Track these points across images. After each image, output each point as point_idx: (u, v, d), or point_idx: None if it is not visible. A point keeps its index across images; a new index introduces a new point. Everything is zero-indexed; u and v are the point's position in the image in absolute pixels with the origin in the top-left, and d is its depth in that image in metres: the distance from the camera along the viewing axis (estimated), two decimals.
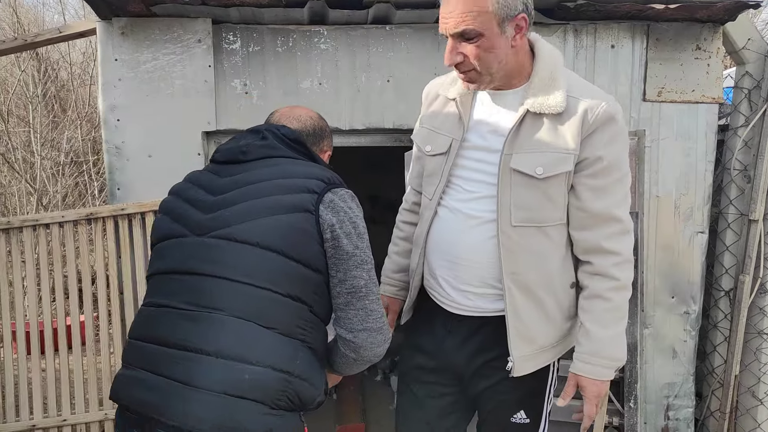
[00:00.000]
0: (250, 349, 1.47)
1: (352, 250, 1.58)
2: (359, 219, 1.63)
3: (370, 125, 2.95)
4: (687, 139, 3.01)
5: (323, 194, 1.58)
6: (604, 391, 1.76)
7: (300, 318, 1.54)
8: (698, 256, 3.07)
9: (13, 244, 2.77)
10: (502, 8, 1.57)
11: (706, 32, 2.95)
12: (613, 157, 1.67)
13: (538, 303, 1.76)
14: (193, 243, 1.58)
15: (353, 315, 1.60)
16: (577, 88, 1.70)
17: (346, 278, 1.58)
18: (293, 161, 1.69)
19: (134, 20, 2.75)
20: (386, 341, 1.64)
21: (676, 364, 3.12)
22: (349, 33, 2.89)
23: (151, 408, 1.45)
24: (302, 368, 1.53)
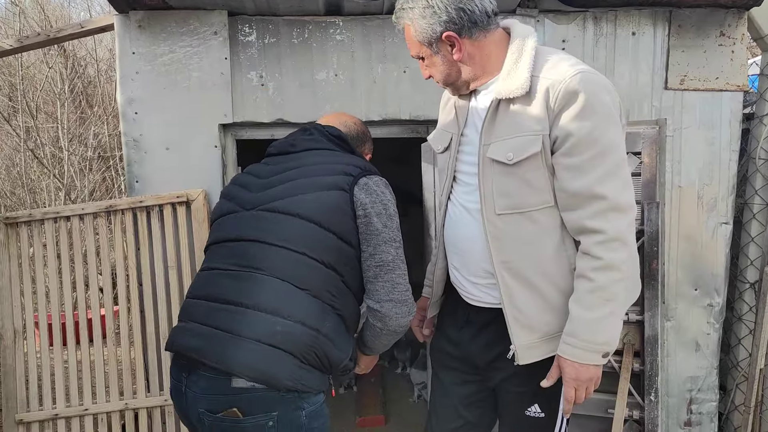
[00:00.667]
0: (284, 305, 1.66)
1: (381, 228, 1.77)
2: (390, 203, 1.82)
3: (386, 116, 2.93)
4: (710, 128, 2.94)
5: (359, 177, 1.80)
6: (586, 375, 1.67)
7: (331, 285, 1.73)
8: (722, 248, 3.00)
9: (35, 237, 2.82)
10: (421, 35, 1.72)
11: (731, 18, 2.87)
12: (583, 133, 1.60)
13: (534, 290, 1.74)
14: (242, 216, 1.82)
15: (380, 287, 1.77)
16: (543, 66, 1.67)
17: (376, 252, 1.77)
18: (335, 153, 1.93)
19: (151, 13, 2.77)
20: (410, 313, 1.80)
21: (699, 357, 3.06)
22: (364, 23, 2.87)
23: (196, 351, 1.65)
24: (330, 329, 1.71)
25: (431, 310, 2.11)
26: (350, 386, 4.29)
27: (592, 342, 1.65)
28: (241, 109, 2.87)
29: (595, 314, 1.64)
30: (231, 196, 1.92)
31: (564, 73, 1.62)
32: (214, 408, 1.63)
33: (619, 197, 1.63)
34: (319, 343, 1.68)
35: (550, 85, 1.63)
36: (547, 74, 1.65)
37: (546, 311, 1.75)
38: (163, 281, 2.80)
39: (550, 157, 1.67)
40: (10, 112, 7.76)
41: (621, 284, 1.65)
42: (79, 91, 8.24)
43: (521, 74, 1.66)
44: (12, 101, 7.92)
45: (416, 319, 2.21)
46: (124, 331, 2.86)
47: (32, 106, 7.44)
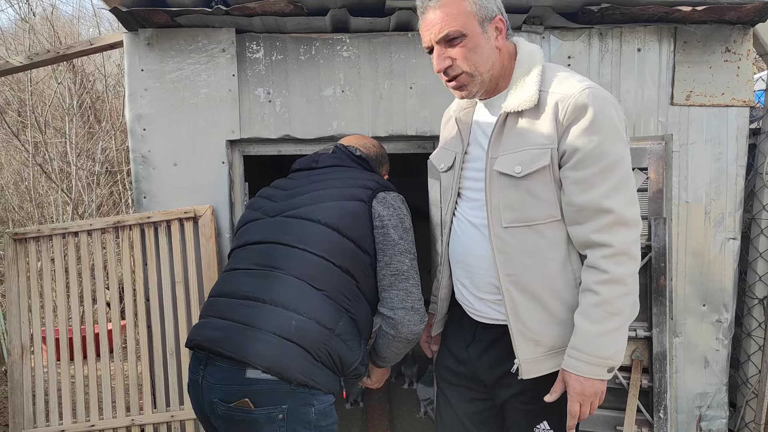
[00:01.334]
0: (300, 302, 1.73)
1: (397, 239, 1.87)
2: (406, 218, 1.93)
3: (392, 132, 2.95)
4: (717, 144, 2.94)
5: (377, 191, 1.92)
6: (591, 390, 1.66)
7: (347, 289, 1.81)
8: (730, 263, 2.99)
9: (43, 252, 2.84)
10: (481, 9, 1.66)
11: (736, 34, 2.88)
12: (590, 147, 1.61)
13: (540, 304, 1.73)
14: (266, 221, 1.93)
15: (395, 295, 1.85)
16: (551, 81, 1.69)
17: (392, 262, 1.86)
18: (356, 170, 2.05)
19: (160, 31, 2.80)
20: (422, 321, 1.87)
21: (708, 373, 3.04)
22: (371, 40, 2.90)
23: (214, 342, 1.72)
24: (343, 330, 1.77)
25: (436, 328, 2.11)
26: (357, 402, 4.27)
27: (598, 356, 1.63)
28: (249, 125, 2.89)
29: (601, 328, 1.62)
30: (256, 206, 2.03)
31: (573, 88, 1.64)
32: (228, 398, 1.69)
33: (626, 212, 1.62)
34: (332, 343, 1.74)
35: (560, 99, 1.64)
36: (556, 89, 1.66)
37: (551, 325, 1.74)
38: (170, 297, 2.81)
39: (557, 170, 1.67)
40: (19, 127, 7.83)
41: (627, 298, 1.64)
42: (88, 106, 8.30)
43: (530, 88, 1.68)
44: (21, 116, 7.99)
45: (424, 335, 2.20)
46: (131, 347, 2.86)
47: (41, 121, 7.50)
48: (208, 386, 1.73)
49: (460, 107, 1.93)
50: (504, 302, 1.75)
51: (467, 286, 1.89)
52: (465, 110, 1.91)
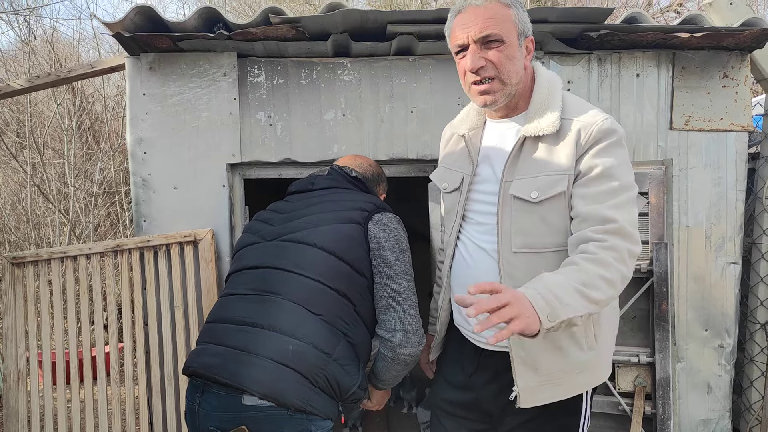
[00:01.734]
0: (297, 327, 1.72)
1: (394, 261, 1.86)
2: (403, 239, 1.92)
3: (393, 156, 2.95)
4: (716, 168, 2.95)
5: (373, 213, 1.91)
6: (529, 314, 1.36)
7: (344, 312, 1.80)
8: (731, 288, 2.98)
9: (41, 276, 2.82)
10: (521, 23, 1.68)
11: (734, 60, 2.91)
12: (604, 167, 1.61)
13: None
14: (263, 246, 1.92)
15: (392, 317, 1.84)
16: (572, 109, 1.71)
17: (389, 284, 1.85)
18: (352, 191, 2.05)
19: (162, 56, 2.81)
20: (420, 343, 1.86)
21: (711, 399, 3.01)
22: (372, 65, 2.91)
23: (210, 369, 1.71)
24: (340, 354, 1.76)
25: (434, 352, 2.07)
26: (356, 426, 4.22)
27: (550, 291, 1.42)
28: (249, 149, 2.89)
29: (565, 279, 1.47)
30: (254, 230, 2.02)
31: (596, 116, 1.67)
32: (224, 426, 1.67)
33: (628, 226, 1.59)
34: (330, 367, 1.73)
35: (583, 126, 1.65)
36: (578, 116, 1.68)
37: (552, 353, 1.72)
38: (169, 321, 2.78)
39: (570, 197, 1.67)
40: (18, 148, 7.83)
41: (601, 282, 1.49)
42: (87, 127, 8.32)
43: (552, 114, 1.69)
44: (20, 137, 8.00)
45: (425, 356, 2.17)
46: (129, 372, 2.83)
47: (39, 142, 7.50)
48: (204, 414, 1.71)
49: (469, 126, 1.90)
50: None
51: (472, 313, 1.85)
52: (474, 130, 1.89)
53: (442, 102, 2.91)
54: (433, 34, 2.68)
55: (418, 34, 2.67)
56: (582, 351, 1.73)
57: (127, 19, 2.54)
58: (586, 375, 1.77)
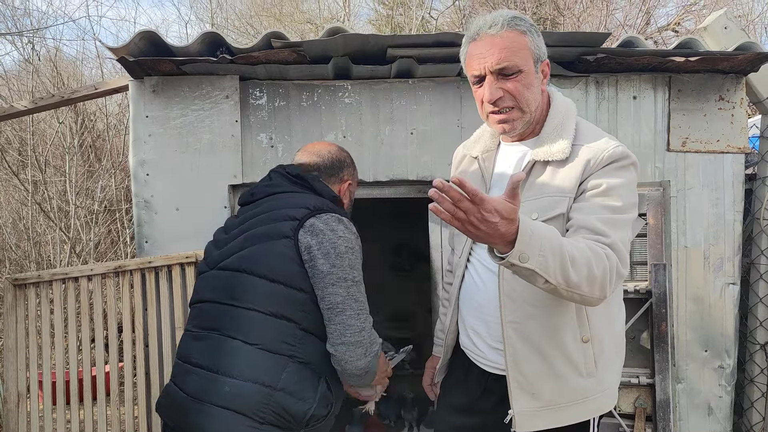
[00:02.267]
0: (232, 364, 1.68)
1: (328, 269, 1.74)
2: (341, 240, 1.77)
3: (393, 177, 2.97)
4: (714, 189, 2.97)
5: (305, 220, 1.78)
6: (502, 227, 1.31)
7: (287, 334, 1.71)
8: (731, 308, 2.99)
9: (42, 298, 2.83)
10: (537, 48, 1.67)
11: (729, 83, 2.94)
12: (609, 184, 1.61)
13: (541, 356, 1.70)
14: (207, 276, 1.90)
15: (333, 330, 1.75)
16: (585, 136, 1.71)
17: (324, 295, 1.75)
18: (293, 194, 1.91)
19: (165, 79, 2.84)
20: (366, 354, 1.76)
21: (712, 421, 3.01)
22: (372, 87, 2.94)
23: (168, 415, 1.75)
24: (287, 382, 1.69)
25: (439, 375, 2.06)
26: None
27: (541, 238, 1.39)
28: (251, 171, 2.92)
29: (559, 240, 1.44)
30: (207, 253, 2.00)
31: (607, 144, 1.67)
32: None
33: (621, 245, 1.54)
34: (275, 399, 1.66)
35: (593, 155, 1.65)
36: (589, 143, 1.68)
37: (550, 379, 1.71)
38: (169, 342, 2.79)
39: None
40: (19, 166, 7.86)
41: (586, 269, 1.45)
42: (88, 145, 8.36)
43: (564, 141, 1.68)
44: (21, 155, 8.03)
45: (428, 378, 2.16)
46: (129, 393, 2.83)
47: (41, 160, 7.54)
48: None
49: (483, 148, 1.88)
50: (504, 350, 1.72)
51: (481, 335, 1.84)
52: (488, 152, 1.88)
53: (442, 124, 2.94)
54: (433, 57, 2.72)
55: (417, 58, 2.71)
56: (581, 377, 1.72)
57: (131, 43, 2.57)
58: (590, 402, 1.75)
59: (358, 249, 1.82)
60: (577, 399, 1.74)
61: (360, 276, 1.80)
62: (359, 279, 1.79)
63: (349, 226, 1.83)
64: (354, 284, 1.77)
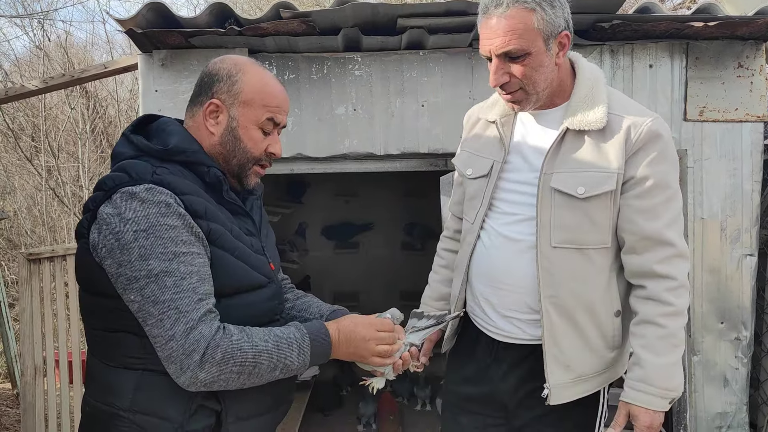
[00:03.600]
0: (89, 383, 1.44)
1: (115, 270, 1.30)
2: (129, 224, 1.29)
3: (405, 150, 2.95)
4: (732, 159, 2.92)
5: (97, 210, 1.34)
6: (658, 422, 1.64)
7: (129, 347, 1.36)
8: (747, 280, 2.95)
9: (57, 273, 2.84)
10: (548, 25, 1.56)
11: (748, 50, 2.88)
12: (660, 177, 1.61)
13: (577, 329, 1.70)
14: None
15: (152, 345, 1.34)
16: (619, 104, 1.67)
17: (127, 303, 1.32)
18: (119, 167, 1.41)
19: (174, 52, 2.83)
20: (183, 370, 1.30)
21: (727, 392, 2.98)
22: (383, 59, 2.91)
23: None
24: (142, 400, 1.36)
25: (446, 344, 2.00)
26: (369, 424, 4.22)
27: (666, 388, 1.62)
28: None
29: (667, 360, 1.62)
30: None
31: (644, 115, 1.64)
32: None
33: (682, 244, 1.65)
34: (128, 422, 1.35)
35: (632, 124, 1.62)
36: (627, 114, 1.64)
37: (584, 351, 1.71)
38: None
39: (619, 197, 1.65)
40: (33, 152, 7.92)
41: (684, 329, 1.67)
42: (100, 130, 8.40)
43: (599, 109, 1.63)
44: (35, 141, 8.09)
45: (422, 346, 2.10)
46: None
47: (54, 146, 7.59)
48: None
49: (501, 113, 1.81)
50: (542, 324, 1.69)
51: (493, 304, 1.80)
52: (506, 116, 1.81)
53: (453, 96, 2.91)
54: (444, 27, 2.68)
55: (428, 28, 2.67)
56: (609, 350, 1.75)
57: (139, 15, 2.56)
58: (610, 371, 1.78)
59: (161, 226, 1.30)
60: (602, 370, 1.75)
61: (161, 265, 1.29)
62: (159, 270, 1.29)
63: (147, 199, 1.30)
64: (150, 281, 1.29)
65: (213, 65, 1.49)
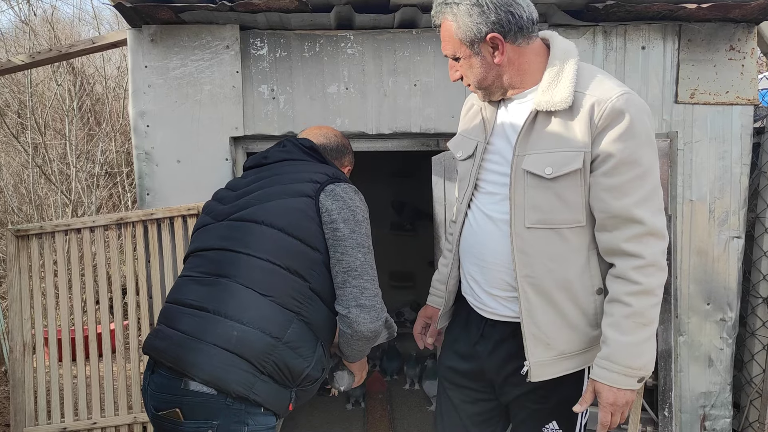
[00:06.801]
0: (244, 310, 1.67)
1: (348, 234, 1.77)
2: (359, 209, 1.82)
3: (397, 129, 2.94)
4: (721, 142, 2.94)
5: (325, 185, 1.81)
6: (623, 399, 1.65)
7: (297, 291, 1.72)
8: (734, 262, 2.99)
9: (46, 249, 2.82)
10: (464, 33, 1.66)
11: (740, 32, 2.88)
12: (626, 154, 1.59)
13: (555, 307, 1.71)
14: (215, 226, 1.87)
15: (348, 292, 1.76)
16: (587, 82, 1.66)
17: (343, 258, 1.76)
18: (306, 163, 1.94)
19: (163, 27, 2.79)
20: (378, 318, 1.78)
21: (712, 372, 3.03)
22: (375, 37, 2.89)
23: (158, 352, 1.71)
24: (292, 337, 1.70)
25: (441, 321, 2.05)
26: (358, 402, 4.26)
27: (631, 367, 1.62)
28: (252, 122, 2.88)
29: (633, 338, 1.62)
30: (209, 209, 1.97)
31: (610, 92, 1.61)
32: (160, 406, 1.67)
33: (656, 222, 1.62)
34: (278, 352, 1.67)
35: (596, 101, 1.61)
36: (593, 91, 1.63)
37: (564, 329, 1.73)
38: None
39: (588, 175, 1.65)
40: (19, 129, 7.81)
41: (656, 308, 1.65)
42: (88, 108, 8.29)
43: (565, 88, 1.64)
44: (21, 118, 7.98)
45: (418, 326, 2.17)
46: (134, 345, 2.84)
47: (41, 123, 7.49)
48: (150, 393, 1.72)
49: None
50: (519, 303, 1.72)
51: (478, 281, 1.85)
52: (491, 102, 1.85)
53: (446, 76, 2.88)
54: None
55: (421, 6, 2.66)
56: (591, 328, 1.75)
57: None
58: (595, 349, 1.77)
59: (368, 222, 1.87)
60: (585, 348, 1.76)
61: (372, 247, 1.84)
62: (372, 249, 1.83)
63: (363, 199, 1.88)
64: (370, 252, 1.81)
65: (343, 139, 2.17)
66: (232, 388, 1.61)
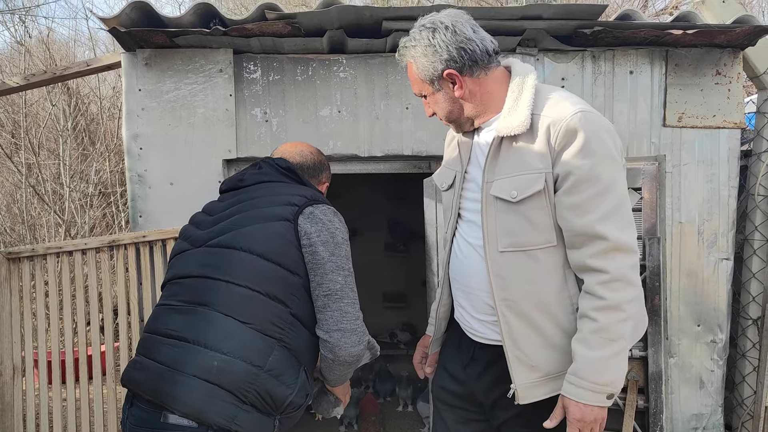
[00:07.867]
0: (224, 340, 1.64)
1: (328, 257, 1.75)
2: (338, 231, 1.80)
3: (388, 152, 2.96)
4: (709, 165, 2.98)
5: (303, 207, 1.79)
6: (591, 416, 1.63)
7: (278, 317, 1.70)
8: (723, 284, 3.01)
9: (37, 272, 2.82)
10: (422, 72, 1.75)
11: (726, 57, 2.93)
12: (584, 171, 1.61)
13: (536, 329, 1.72)
14: (192, 253, 1.83)
15: (329, 316, 1.74)
16: (543, 103, 1.69)
17: (323, 281, 1.74)
18: (284, 185, 1.92)
19: (158, 51, 2.82)
20: (360, 342, 1.77)
21: (703, 394, 3.03)
22: (367, 61, 2.93)
23: (136, 384, 1.67)
24: (274, 365, 1.67)
25: (433, 347, 2.09)
26: (351, 425, 4.23)
27: (597, 383, 1.62)
28: (245, 145, 2.90)
29: (599, 354, 1.61)
30: (186, 234, 1.93)
31: (564, 112, 1.64)
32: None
33: (620, 236, 1.62)
34: (260, 380, 1.65)
35: (551, 123, 1.64)
36: (548, 113, 1.66)
37: (547, 350, 1.73)
38: None
39: (552, 195, 1.67)
40: (12, 149, 7.81)
41: (625, 324, 1.63)
42: (82, 128, 8.31)
43: (522, 112, 1.68)
44: (15, 138, 7.98)
45: (418, 355, 2.18)
46: (124, 367, 2.82)
47: (35, 143, 7.49)
48: (129, 427, 1.68)
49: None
50: (500, 327, 1.74)
51: (465, 307, 1.89)
52: (467, 133, 1.90)
53: None
54: None
55: None
56: None
57: (123, 14, 2.55)
58: None
59: (348, 243, 1.85)
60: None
61: (352, 269, 1.82)
62: (352, 272, 1.81)
63: (342, 220, 1.86)
64: (350, 275, 1.80)
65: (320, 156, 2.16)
66: (214, 420, 1.58)
